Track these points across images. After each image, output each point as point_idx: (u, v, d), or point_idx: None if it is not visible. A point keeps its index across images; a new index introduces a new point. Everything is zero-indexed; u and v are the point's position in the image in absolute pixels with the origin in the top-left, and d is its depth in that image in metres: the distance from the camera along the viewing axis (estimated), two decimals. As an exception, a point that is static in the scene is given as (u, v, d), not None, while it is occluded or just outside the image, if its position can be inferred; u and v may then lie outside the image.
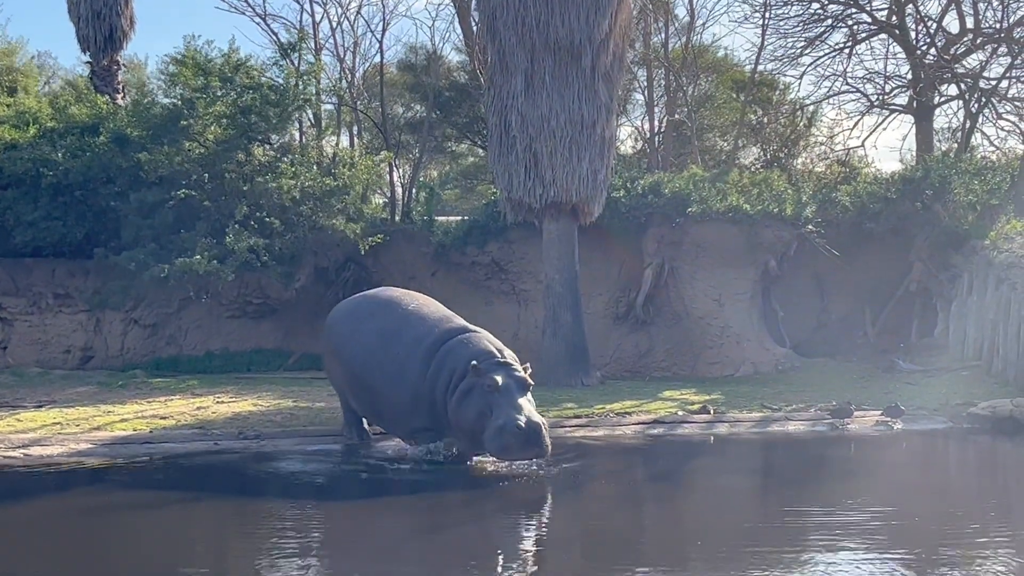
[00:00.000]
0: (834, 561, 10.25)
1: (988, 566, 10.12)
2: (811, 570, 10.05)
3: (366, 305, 16.71)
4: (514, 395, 14.00)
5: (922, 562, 10.28)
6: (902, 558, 10.37)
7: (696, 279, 26.73)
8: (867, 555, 10.47)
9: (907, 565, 10.09)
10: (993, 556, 10.45)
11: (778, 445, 17.68)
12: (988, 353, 23.84)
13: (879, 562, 10.19)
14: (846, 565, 10.09)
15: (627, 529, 12.06)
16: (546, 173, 23.20)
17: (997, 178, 28.86)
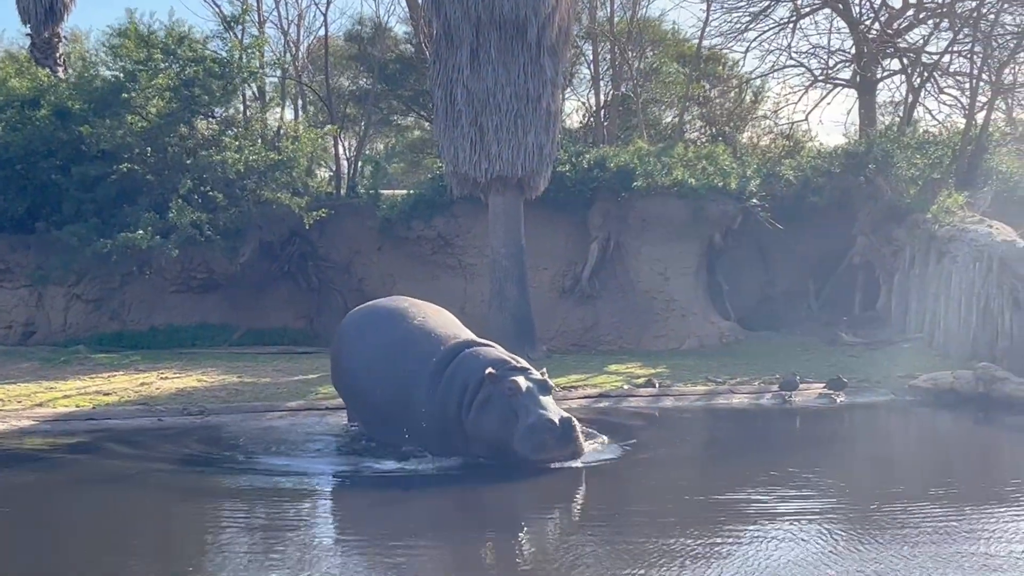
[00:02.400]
0: (771, 527, 10.34)
1: (914, 530, 10.26)
2: (750, 536, 10.14)
3: (372, 317, 15.80)
4: (537, 396, 13.23)
5: (850, 527, 10.40)
6: (833, 524, 10.49)
7: (642, 253, 26.83)
8: (802, 522, 10.57)
9: (836, 531, 10.22)
10: (919, 522, 10.59)
11: (722, 418, 17.80)
12: (930, 326, 24.11)
13: (815, 531, 10.29)
14: (782, 532, 10.19)
15: (564, 503, 12.11)
16: (492, 147, 23.15)
17: (939, 152, 29.17)
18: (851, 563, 9.21)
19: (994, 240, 22.65)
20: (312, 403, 18.26)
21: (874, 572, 8.96)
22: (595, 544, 10.13)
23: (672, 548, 9.74)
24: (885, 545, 9.77)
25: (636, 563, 9.32)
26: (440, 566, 9.69)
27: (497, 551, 10.05)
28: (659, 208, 26.53)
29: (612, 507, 11.80)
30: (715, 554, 9.59)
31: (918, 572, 8.97)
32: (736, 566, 9.18)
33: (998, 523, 10.55)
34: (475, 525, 11.24)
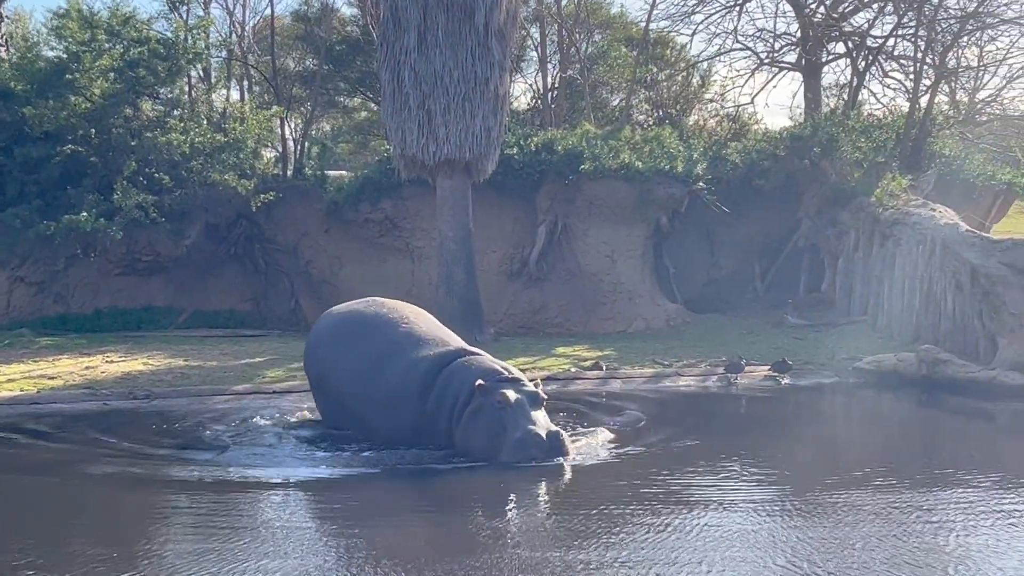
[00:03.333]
0: (712, 511, 10.45)
1: (846, 506, 10.41)
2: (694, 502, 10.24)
3: (351, 324, 14.94)
4: (527, 409, 12.75)
5: (790, 510, 10.52)
6: (773, 507, 10.62)
7: (589, 236, 26.92)
8: (742, 506, 10.69)
9: (776, 514, 10.34)
10: (856, 504, 10.73)
11: (668, 400, 17.90)
12: (874, 308, 24.39)
13: (755, 514, 10.40)
14: (724, 516, 10.29)
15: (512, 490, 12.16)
16: (439, 130, 23.12)
17: (883, 136, 29.43)
18: (792, 544, 9.32)
19: (937, 224, 22.90)
20: (259, 387, 18.19)
21: (813, 552, 9.06)
22: (534, 524, 10.18)
23: (615, 528, 9.81)
24: (826, 528, 9.88)
25: (569, 543, 9.39)
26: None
27: (439, 539, 10.08)
28: (606, 191, 26.62)
29: (553, 491, 11.81)
30: (657, 534, 9.66)
31: (852, 552, 9.09)
32: (677, 546, 9.26)
33: (933, 506, 10.69)
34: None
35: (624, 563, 8.80)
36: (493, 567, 8.73)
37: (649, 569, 8.65)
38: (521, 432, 12.46)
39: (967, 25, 30.55)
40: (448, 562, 8.86)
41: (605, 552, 9.12)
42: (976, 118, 36.10)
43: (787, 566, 8.73)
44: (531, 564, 8.78)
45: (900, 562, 8.84)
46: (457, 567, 8.71)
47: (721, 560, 8.91)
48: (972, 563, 8.86)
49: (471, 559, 8.93)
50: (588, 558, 8.95)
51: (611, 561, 8.86)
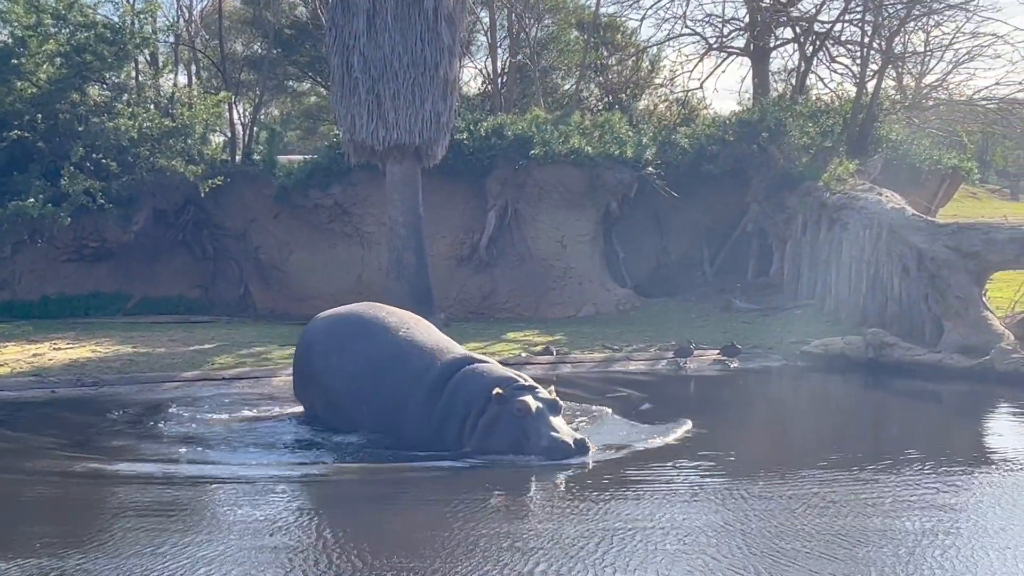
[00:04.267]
0: (659, 491, 10.52)
1: (797, 495, 10.53)
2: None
3: (348, 327, 14.13)
4: (548, 416, 12.12)
5: (738, 493, 10.62)
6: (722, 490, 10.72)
7: (539, 221, 26.99)
8: (689, 490, 10.77)
9: (726, 496, 10.44)
10: (801, 487, 10.86)
11: (619, 384, 17.97)
12: (821, 292, 24.60)
13: (703, 497, 10.49)
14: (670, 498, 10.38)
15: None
16: (389, 115, 23.06)
17: (830, 120, 29.66)
18: (742, 527, 9.41)
19: (884, 208, 23.12)
20: (208, 373, 18.11)
21: (755, 535, 9.16)
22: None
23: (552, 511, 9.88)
24: (771, 512, 9.98)
25: (500, 521, 9.45)
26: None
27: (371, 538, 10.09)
28: (556, 176, 26.69)
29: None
30: (601, 509, 9.72)
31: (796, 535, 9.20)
32: (618, 524, 9.32)
33: (878, 489, 10.82)
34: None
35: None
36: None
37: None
38: (547, 441, 11.85)
39: (913, 10, 30.78)
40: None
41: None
42: (922, 103, 36.38)
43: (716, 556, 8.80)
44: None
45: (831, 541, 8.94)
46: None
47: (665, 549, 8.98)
48: (905, 547, 8.96)
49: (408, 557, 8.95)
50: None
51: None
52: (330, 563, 8.53)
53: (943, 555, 8.63)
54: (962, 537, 9.13)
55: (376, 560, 8.56)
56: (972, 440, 14.12)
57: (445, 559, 8.59)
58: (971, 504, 10.27)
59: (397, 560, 8.55)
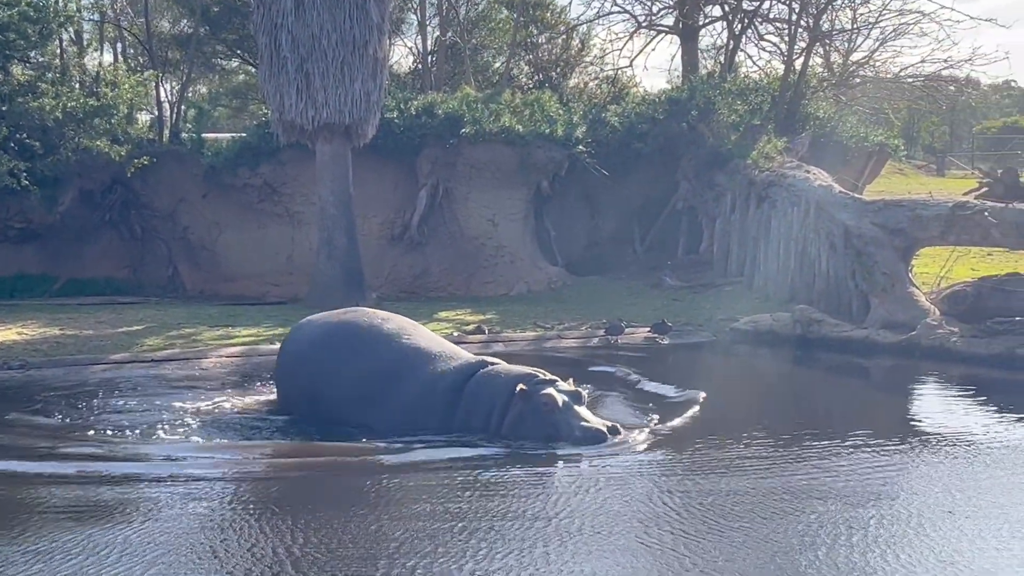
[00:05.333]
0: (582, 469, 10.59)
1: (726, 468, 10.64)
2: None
3: (343, 336, 13.39)
4: (574, 409, 11.83)
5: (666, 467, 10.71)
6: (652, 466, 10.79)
7: (470, 200, 26.98)
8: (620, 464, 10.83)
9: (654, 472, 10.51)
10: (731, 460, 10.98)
11: (550, 363, 18.01)
12: (750, 269, 24.78)
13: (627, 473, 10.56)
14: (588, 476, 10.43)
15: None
16: (318, 94, 22.94)
17: (759, 98, 29.90)
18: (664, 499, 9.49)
19: (811, 185, 23.34)
20: (137, 355, 17.94)
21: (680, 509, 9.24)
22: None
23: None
24: (700, 484, 10.07)
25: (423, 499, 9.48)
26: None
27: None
28: (487, 155, 26.69)
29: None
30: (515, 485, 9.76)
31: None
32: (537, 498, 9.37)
33: (801, 460, 10.95)
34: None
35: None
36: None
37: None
38: (580, 431, 11.57)
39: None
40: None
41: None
42: (849, 80, 36.71)
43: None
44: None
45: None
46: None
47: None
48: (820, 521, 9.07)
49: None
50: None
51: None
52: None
53: (866, 528, 8.75)
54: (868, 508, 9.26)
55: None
56: (898, 415, 14.30)
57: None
58: (890, 476, 10.43)
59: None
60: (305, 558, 8.20)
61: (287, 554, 8.29)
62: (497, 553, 8.20)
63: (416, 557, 8.12)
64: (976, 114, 69.07)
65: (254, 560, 8.19)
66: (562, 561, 8.04)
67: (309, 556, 8.24)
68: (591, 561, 8.05)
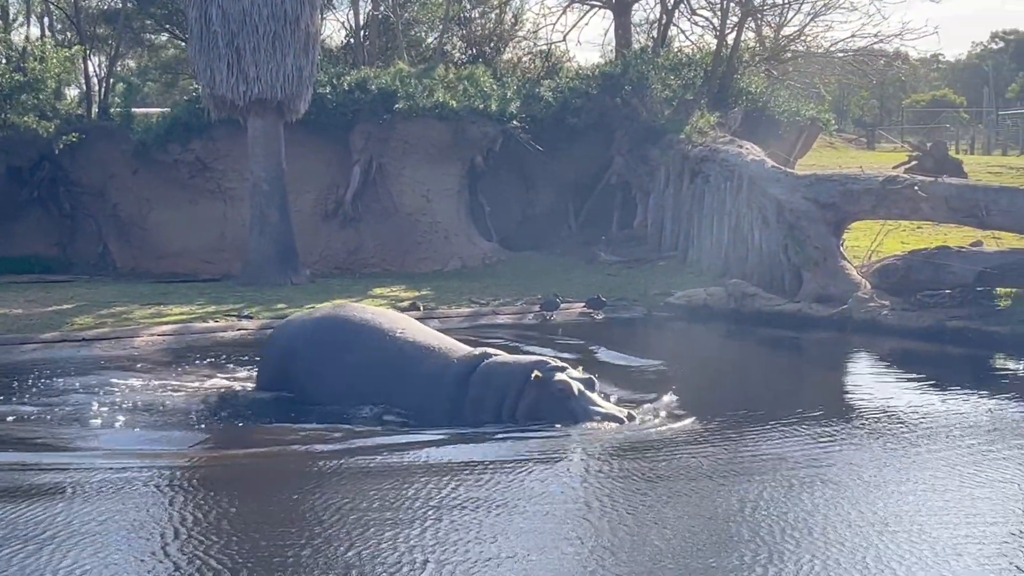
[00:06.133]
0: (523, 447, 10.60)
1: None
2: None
3: (335, 332, 12.94)
4: (588, 395, 11.55)
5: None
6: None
7: (404, 175, 26.87)
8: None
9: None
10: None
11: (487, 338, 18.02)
12: (684, 244, 24.92)
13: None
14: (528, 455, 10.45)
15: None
16: (249, 70, 22.74)
17: (692, 73, 29.98)
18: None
19: (744, 160, 23.47)
20: (68, 334, 17.71)
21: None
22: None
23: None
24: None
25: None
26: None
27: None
28: (421, 130, 26.57)
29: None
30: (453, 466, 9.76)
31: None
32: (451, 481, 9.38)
33: (730, 439, 11.04)
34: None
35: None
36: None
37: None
38: (600, 417, 11.36)
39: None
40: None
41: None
42: (781, 55, 36.88)
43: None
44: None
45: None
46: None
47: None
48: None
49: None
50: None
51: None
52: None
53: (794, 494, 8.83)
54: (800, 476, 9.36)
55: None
56: (830, 390, 14.45)
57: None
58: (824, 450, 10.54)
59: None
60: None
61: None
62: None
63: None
64: (905, 88, 69.71)
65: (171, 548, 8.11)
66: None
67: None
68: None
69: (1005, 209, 18.50)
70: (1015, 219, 18.55)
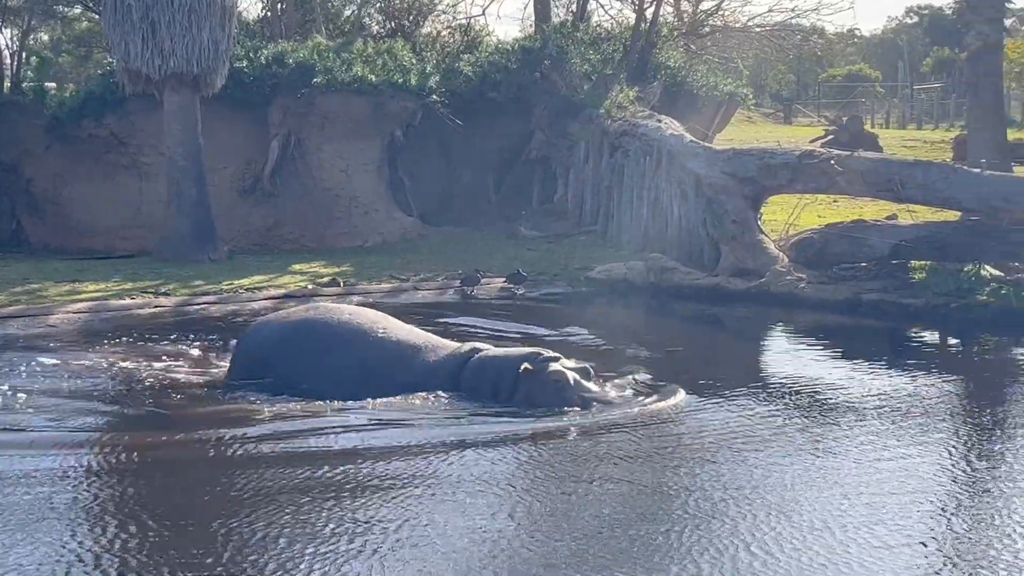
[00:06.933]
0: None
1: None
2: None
3: (311, 336, 12.30)
4: (584, 384, 11.27)
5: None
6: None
7: (323, 150, 26.66)
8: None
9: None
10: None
11: (406, 313, 17.96)
12: (604, 219, 25.02)
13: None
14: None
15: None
16: (165, 43, 22.42)
17: (611, 47, 30.05)
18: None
19: (663, 135, 23.57)
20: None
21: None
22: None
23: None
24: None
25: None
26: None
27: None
28: (340, 105, 26.38)
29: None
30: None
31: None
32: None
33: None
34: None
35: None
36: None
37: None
38: (599, 404, 11.15)
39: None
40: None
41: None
42: (699, 30, 37.08)
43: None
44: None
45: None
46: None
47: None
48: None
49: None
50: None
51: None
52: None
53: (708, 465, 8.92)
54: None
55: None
56: (747, 364, 14.61)
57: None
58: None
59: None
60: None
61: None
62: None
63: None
64: (822, 63, 70.44)
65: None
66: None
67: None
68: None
69: (920, 183, 18.73)
70: (929, 192, 18.80)
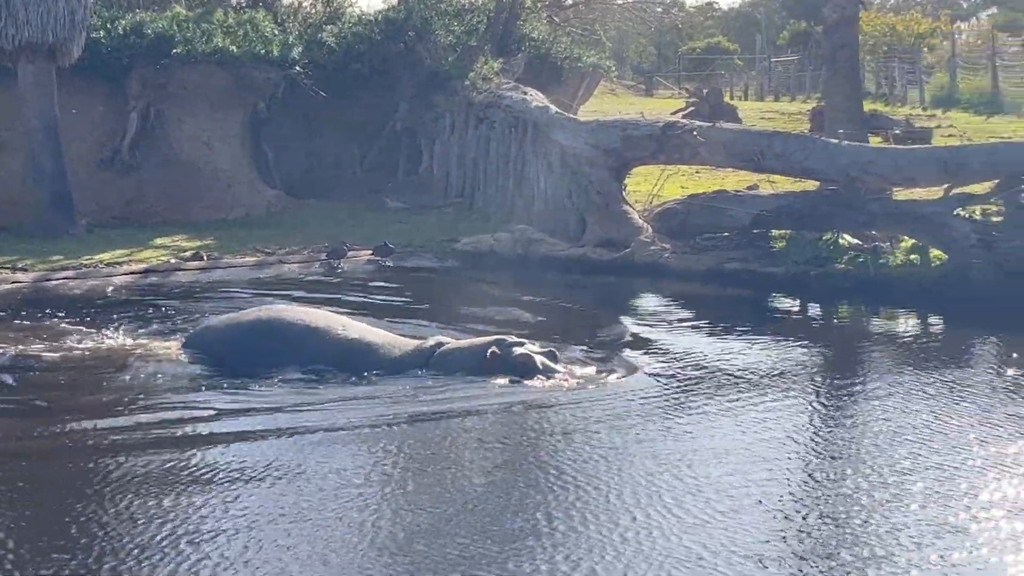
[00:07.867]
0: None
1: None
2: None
3: (268, 336, 11.87)
4: (552, 366, 11.10)
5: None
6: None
7: (184, 122, 26.23)
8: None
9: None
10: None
11: (268, 284, 17.85)
12: (470, 189, 25.10)
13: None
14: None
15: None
16: (19, 13, 21.82)
17: (475, 19, 30.05)
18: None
19: (528, 107, 23.70)
20: None
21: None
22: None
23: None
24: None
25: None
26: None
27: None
28: (200, 77, 25.94)
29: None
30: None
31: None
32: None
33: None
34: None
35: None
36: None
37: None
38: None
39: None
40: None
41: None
42: (563, 1, 37.31)
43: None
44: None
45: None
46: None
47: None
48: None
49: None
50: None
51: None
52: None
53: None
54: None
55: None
56: (613, 333, 14.78)
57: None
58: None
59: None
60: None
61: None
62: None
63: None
64: (682, 35, 71.29)
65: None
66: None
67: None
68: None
69: (779, 153, 19.10)
70: (788, 163, 19.18)
